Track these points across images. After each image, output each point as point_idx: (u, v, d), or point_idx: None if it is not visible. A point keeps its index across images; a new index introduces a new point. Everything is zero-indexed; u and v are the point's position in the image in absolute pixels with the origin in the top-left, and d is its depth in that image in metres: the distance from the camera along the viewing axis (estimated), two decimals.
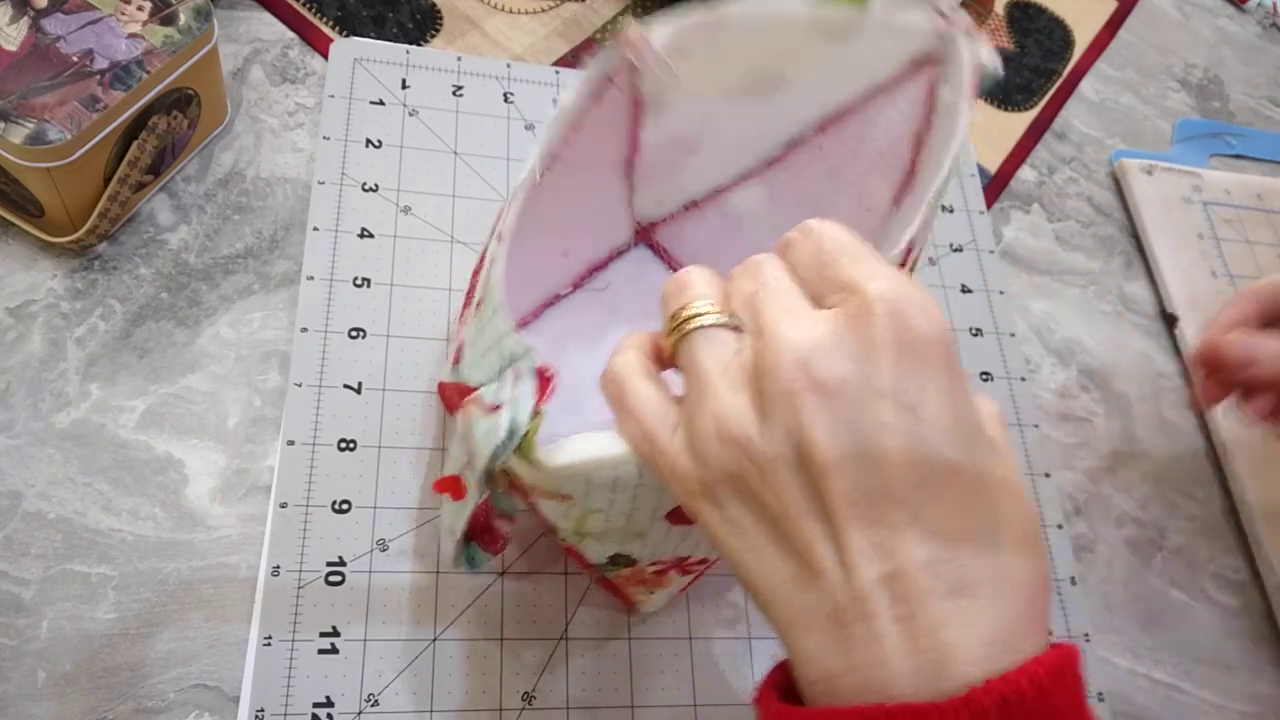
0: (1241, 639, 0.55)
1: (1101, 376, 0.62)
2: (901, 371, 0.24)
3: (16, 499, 0.42)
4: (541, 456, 0.31)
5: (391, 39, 0.59)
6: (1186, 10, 0.85)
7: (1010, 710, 0.22)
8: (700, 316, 0.28)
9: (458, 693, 0.43)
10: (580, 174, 0.43)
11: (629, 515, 0.34)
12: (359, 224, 0.52)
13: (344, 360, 0.48)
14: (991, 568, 0.24)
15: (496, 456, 0.31)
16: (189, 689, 0.40)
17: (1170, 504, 0.58)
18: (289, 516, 0.44)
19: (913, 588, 0.24)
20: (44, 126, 0.42)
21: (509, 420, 0.31)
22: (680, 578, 0.42)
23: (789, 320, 0.26)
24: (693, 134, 0.46)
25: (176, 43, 0.46)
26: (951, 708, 0.22)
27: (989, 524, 0.25)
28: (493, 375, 0.33)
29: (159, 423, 0.45)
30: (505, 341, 0.33)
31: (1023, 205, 0.67)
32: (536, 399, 0.31)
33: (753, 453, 0.25)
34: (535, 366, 0.32)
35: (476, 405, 0.33)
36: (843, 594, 0.24)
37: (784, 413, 0.25)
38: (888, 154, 0.43)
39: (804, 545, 0.25)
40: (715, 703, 0.45)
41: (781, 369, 0.25)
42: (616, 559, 0.38)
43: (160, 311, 0.48)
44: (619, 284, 0.53)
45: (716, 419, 0.26)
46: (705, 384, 0.27)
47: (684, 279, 0.29)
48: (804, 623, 0.25)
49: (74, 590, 0.41)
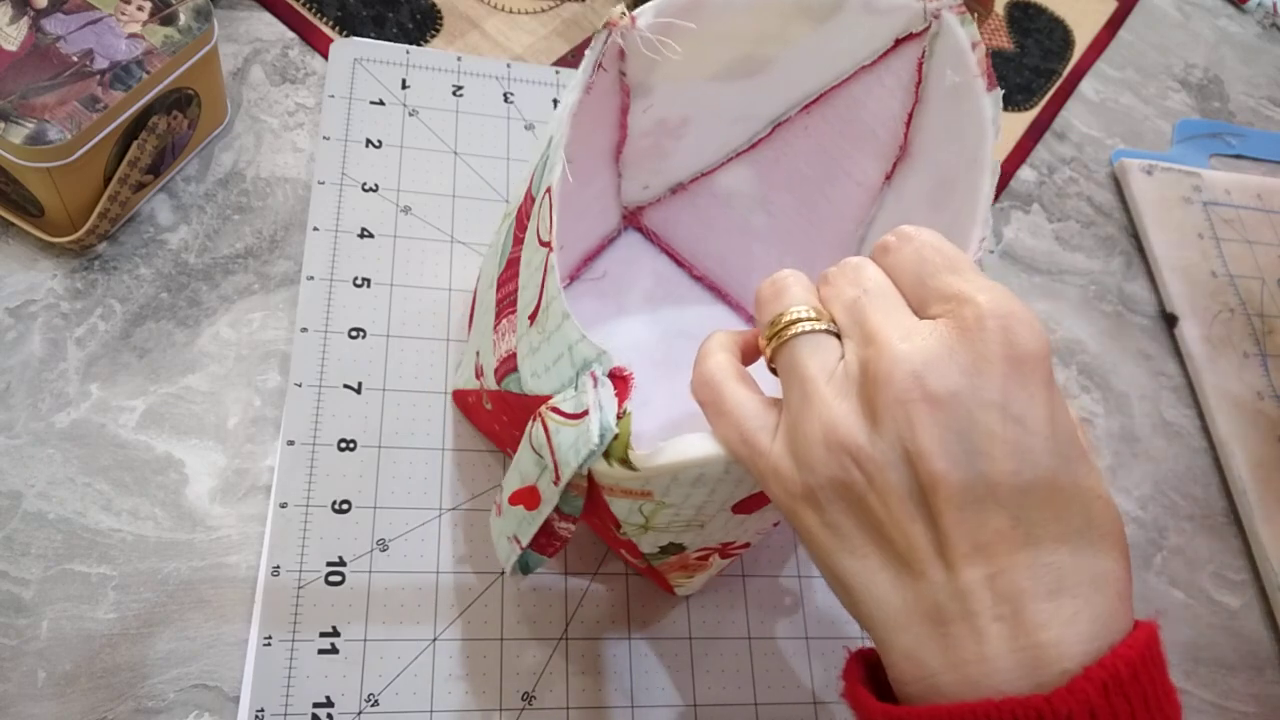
0: (1241, 639, 0.55)
1: (1101, 376, 0.62)
2: (1009, 384, 0.25)
3: (16, 499, 0.42)
4: (635, 459, 0.31)
5: (391, 39, 0.59)
6: (1186, 10, 0.85)
7: (1110, 693, 0.23)
8: (801, 322, 0.28)
9: (458, 693, 0.43)
10: (574, 167, 0.43)
11: (700, 508, 0.34)
12: (359, 224, 0.52)
13: (344, 360, 0.48)
14: (1087, 568, 0.25)
15: (587, 461, 0.31)
16: (189, 689, 0.40)
17: (1170, 504, 0.58)
18: (289, 516, 0.44)
19: (1014, 588, 0.25)
20: (44, 126, 0.42)
21: (599, 425, 0.31)
22: (720, 561, 0.42)
23: (899, 330, 0.27)
24: (678, 118, 0.46)
25: (176, 43, 0.46)
26: (1058, 697, 0.23)
27: (1083, 527, 0.26)
28: (565, 383, 0.33)
29: (159, 423, 0.45)
30: (578, 348, 0.33)
31: (1023, 205, 0.67)
32: (619, 401, 0.31)
33: (862, 460, 0.26)
34: (611, 368, 0.32)
35: (554, 415, 0.33)
36: (944, 594, 0.25)
37: (896, 422, 0.25)
38: (879, 131, 0.43)
39: (906, 548, 0.26)
40: (715, 703, 0.45)
41: (896, 379, 0.25)
42: (667, 549, 0.39)
43: (160, 311, 0.48)
44: (614, 271, 0.53)
45: (825, 425, 0.27)
46: (811, 390, 0.27)
47: (781, 283, 0.30)
48: (901, 622, 0.26)
49: (74, 590, 0.41)
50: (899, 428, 0.25)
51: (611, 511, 0.36)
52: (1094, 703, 0.23)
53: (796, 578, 0.49)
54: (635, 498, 0.34)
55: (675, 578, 0.44)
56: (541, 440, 0.33)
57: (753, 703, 0.45)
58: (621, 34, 0.37)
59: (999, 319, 0.26)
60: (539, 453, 0.34)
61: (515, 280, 0.39)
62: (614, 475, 0.32)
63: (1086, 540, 0.26)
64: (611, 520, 0.37)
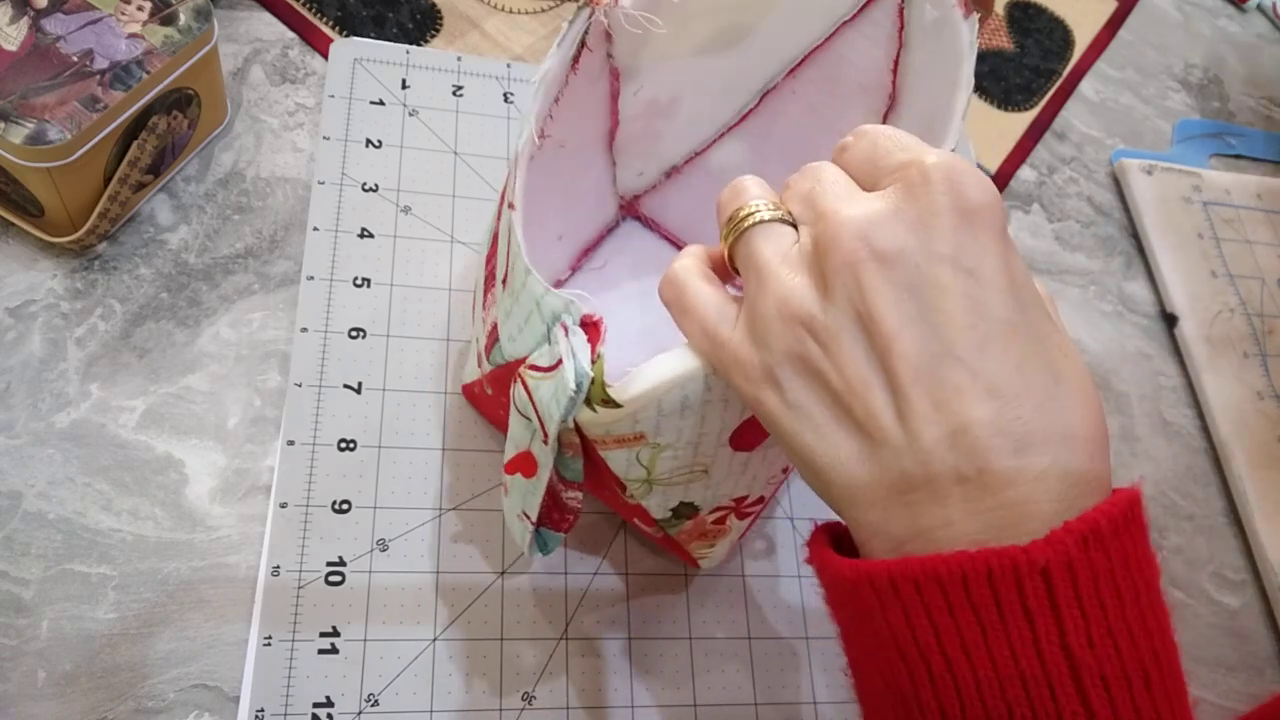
0: (1241, 639, 0.55)
1: (1101, 376, 0.62)
2: (960, 237, 0.25)
3: (16, 499, 0.42)
4: (614, 393, 0.31)
5: (391, 39, 0.59)
6: (1186, 10, 0.85)
7: (1090, 547, 0.23)
8: (757, 213, 0.28)
9: (458, 693, 0.43)
10: (568, 156, 0.43)
11: (696, 445, 0.34)
12: (359, 224, 0.52)
13: (344, 360, 0.48)
14: (1055, 425, 0.24)
15: (569, 411, 0.31)
16: (189, 689, 0.40)
17: (1170, 504, 0.58)
18: (289, 516, 0.44)
19: (977, 445, 0.24)
20: (44, 126, 0.42)
21: (573, 371, 0.31)
22: (738, 523, 0.42)
23: (847, 202, 0.26)
24: (668, 98, 0.46)
25: (176, 43, 0.46)
26: (1035, 548, 0.23)
27: (1049, 380, 0.25)
28: (539, 340, 0.33)
29: (159, 423, 0.45)
30: (545, 302, 0.33)
31: (1023, 205, 0.67)
32: (592, 346, 0.31)
33: (815, 328, 0.26)
34: (581, 316, 0.32)
35: (532, 372, 0.33)
36: (908, 459, 0.25)
37: (846, 285, 0.25)
38: (867, 84, 0.43)
39: (866, 414, 0.25)
40: (715, 703, 0.45)
41: (843, 241, 0.25)
42: (680, 510, 0.39)
43: (160, 311, 0.48)
44: (614, 261, 0.53)
45: (778, 300, 0.27)
46: (765, 272, 0.27)
47: (738, 185, 0.30)
48: (867, 497, 0.26)
49: (74, 590, 0.41)
50: (849, 292, 0.25)
51: (612, 470, 0.36)
52: (1072, 555, 0.23)
53: (797, 578, 0.49)
54: (629, 445, 0.34)
55: (696, 548, 0.44)
56: (525, 400, 0.33)
57: (753, 703, 0.46)
58: (605, 13, 0.37)
59: (944, 172, 0.25)
60: (525, 414, 0.34)
61: (495, 256, 0.39)
62: (601, 421, 0.32)
63: (1050, 395, 0.25)
64: (615, 482, 0.37)
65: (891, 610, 0.24)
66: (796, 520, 0.50)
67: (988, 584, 0.23)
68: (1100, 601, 0.23)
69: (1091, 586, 0.23)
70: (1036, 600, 0.23)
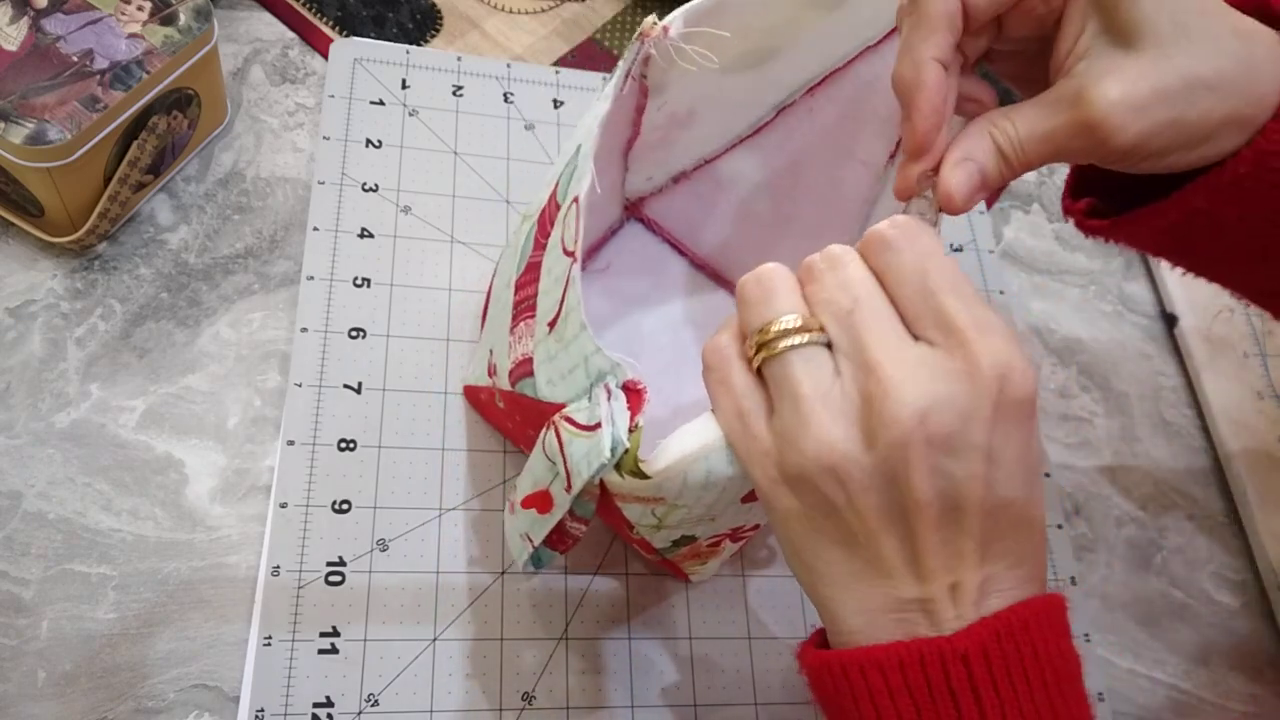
0: (1241, 639, 0.55)
1: (1101, 376, 0.62)
2: (995, 429, 0.28)
3: (16, 499, 0.42)
4: (643, 468, 0.31)
5: (391, 39, 0.59)
6: None
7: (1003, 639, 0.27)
8: (791, 334, 0.29)
9: (458, 693, 0.43)
10: None
11: (710, 506, 0.35)
12: (359, 224, 0.52)
13: (344, 360, 0.48)
14: (1019, 576, 0.29)
15: (599, 474, 0.32)
16: (189, 689, 0.40)
17: (1170, 504, 0.58)
18: (289, 516, 0.44)
19: (964, 597, 0.28)
20: (44, 126, 0.42)
21: (610, 439, 0.31)
22: (732, 545, 0.43)
23: (899, 364, 0.28)
24: (685, 112, 0.46)
25: (176, 43, 0.46)
26: (958, 638, 0.27)
27: (1026, 551, 0.29)
28: (579, 393, 0.34)
29: (159, 423, 0.45)
30: (593, 360, 0.33)
31: (1023, 205, 0.67)
32: (631, 414, 0.32)
33: (849, 480, 0.28)
34: (625, 381, 0.32)
35: (569, 426, 0.33)
36: (909, 595, 0.28)
37: (893, 458, 0.27)
38: (882, 110, 0.43)
39: (875, 557, 0.29)
40: (715, 703, 0.45)
41: (902, 421, 0.27)
42: (680, 541, 0.39)
43: (160, 311, 0.48)
44: (617, 262, 0.54)
45: (818, 446, 0.28)
46: (806, 410, 0.28)
47: (767, 284, 0.30)
48: (857, 607, 0.29)
49: (74, 590, 0.41)
50: (895, 463, 0.27)
51: (624, 515, 0.36)
52: (987, 645, 0.27)
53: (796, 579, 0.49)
54: (648, 504, 0.34)
55: (689, 565, 0.44)
56: (555, 448, 0.34)
57: (752, 703, 0.46)
58: (654, 44, 0.37)
59: (997, 368, 0.27)
60: (552, 460, 0.34)
61: (535, 285, 0.39)
62: (626, 485, 0.32)
63: (1023, 556, 0.29)
64: (625, 523, 0.37)
65: (844, 695, 0.29)
66: None
67: (920, 668, 0.27)
68: (1013, 687, 0.27)
69: (1004, 672, 0.27)
70: (959, 682, 0.27)
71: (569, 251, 0.35)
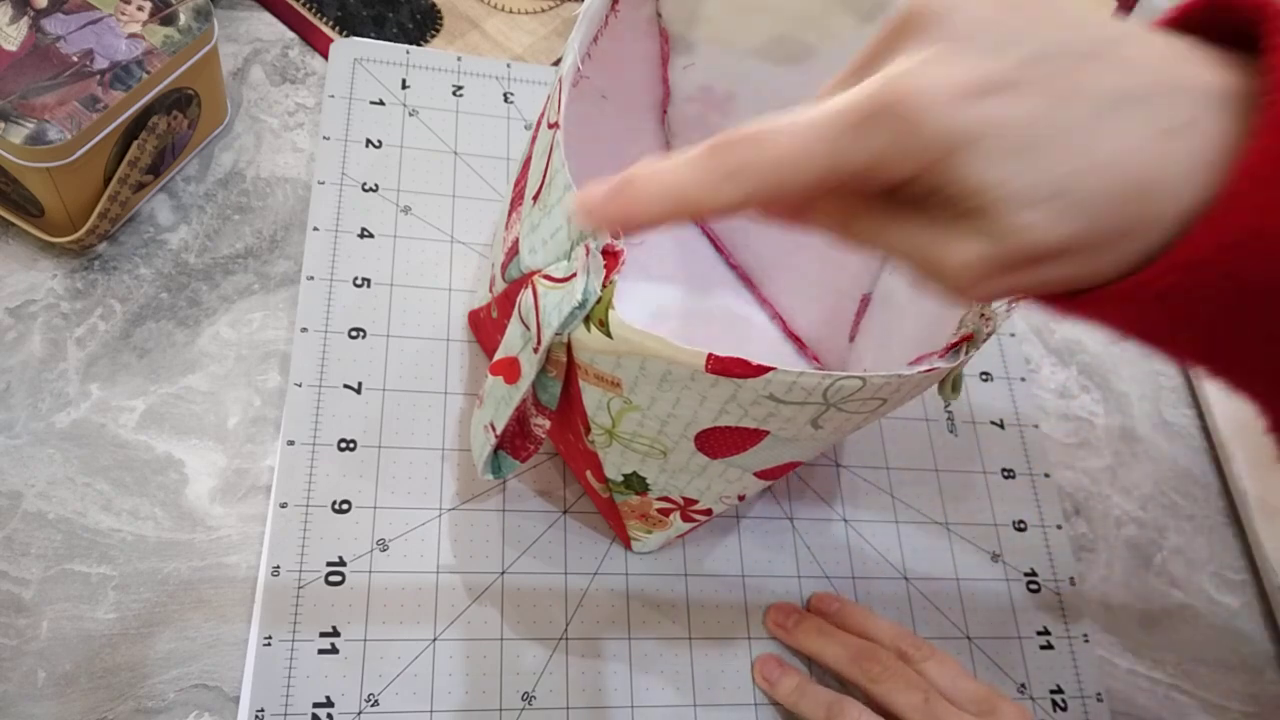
0: (1241, 639, 0.55)
1: (1101, 376, 0.62)
2: None
3: (16, 499, 0.42)
4: (613, 320, 0.31)
5: (391, 39, 0.59)
6: None
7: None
8: None
9: (458, 693, 0.43)
10: (615, 114, 0.43)
11: (663, 422, 0.35)
12: (359, 224, 0.52)
13: (344, 360, 0.48)
14: None
15: (568, 323, 0.32)
16: (189, 689, 0.40)
17: (1170, 504, 0.58)
18: (289, 516, 0.44)
19: None
20: (44, 126, 0.42)
21: (583, 286, 0.31)
22: (680, 524, 0.43)
23: None
24: (723, 93, 0.46)
25: (176, 43, 0.46)
26: None
27: None
28: (561, 255, 0.34)
29: (159, 423, 0.45)
30: (576, 221, 0.33)
31: None
32: (607, 272, 0.32)
33: None
34: (605, 244, 0.33)
35: (544, 281, 0.33)
36: None
37: None
38: None
39: None
40: (716, 703, 0.45)
41: None
42: (631, 480, 0.39)
43: (160, 311, 0.48)
44: (652, 240, 0.54)
45: None
46: None
47: None
48: None
49: (74, 590, 0.41)
50: None
51: (583, 405, 0.36)
52: None
53: (796, 578, 0.49)
54: (605, 387, 0.34)
55: (634, 528, 0.45)
56: (529, 306, 0.34)
57: (752, 703, 0.46)
58: None
59: None
60: (525, 322, 0.34)
61: (527, 177, 0.39)
62: (591, 344, 0.32)
63: None
64: (581, 420, 0.37)
65: None
66: (796, 520, 0.51)
67: None
68: None
69: None
70: None
71: (553, 124, 0.35)
